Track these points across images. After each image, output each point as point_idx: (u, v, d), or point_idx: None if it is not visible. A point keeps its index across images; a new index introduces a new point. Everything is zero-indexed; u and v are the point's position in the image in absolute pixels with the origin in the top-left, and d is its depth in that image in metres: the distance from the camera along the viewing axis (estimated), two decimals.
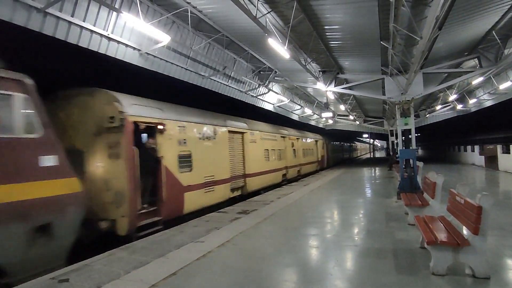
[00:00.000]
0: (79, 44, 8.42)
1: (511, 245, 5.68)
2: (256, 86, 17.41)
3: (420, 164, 12.43)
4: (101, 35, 8.82)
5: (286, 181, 18.91)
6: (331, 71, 14.58)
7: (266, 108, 21.41)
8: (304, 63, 12.25)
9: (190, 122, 10.08)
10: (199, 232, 7.30)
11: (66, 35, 8.02)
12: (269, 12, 8.67)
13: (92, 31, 8.55)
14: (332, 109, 26.78)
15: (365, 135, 56.88)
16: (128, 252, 6.01)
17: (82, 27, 8.26)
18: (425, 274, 4.46)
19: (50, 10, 7.34)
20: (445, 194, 6.16)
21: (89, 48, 8.69)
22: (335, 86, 14.80)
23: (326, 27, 9.91)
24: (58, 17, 7.64)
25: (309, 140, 25.81)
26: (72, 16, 7.89)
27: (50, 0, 7.18)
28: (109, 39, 9.11)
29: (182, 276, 4.78)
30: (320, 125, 37.30)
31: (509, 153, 18.62)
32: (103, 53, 9.15)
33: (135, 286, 4.46)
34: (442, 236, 4.45)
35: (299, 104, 24.79)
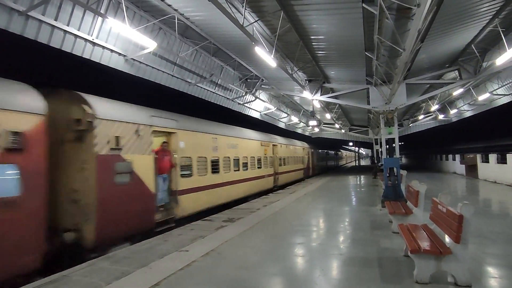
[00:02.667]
0: (63, 49, 8.28)
1: (491, 253, 5.80)
2: (243, 94, 17.46)
3: (403, 172, 12.64)
4: (86, 40, 8.70)
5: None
6: (317, 80, 14.77)
7: (253, 115, 21.47)
8: (290, 72, 12.38)
9: None
10: (183, 241, 7.16)
11: (49, 39, 7.87)
12: (256, 21, 8.74)
13: (76, 36, 8.42)
14: (318, 117, 27.07)
15: (351, 144, 57.68)
16: (110, 262, 5.83)
17: (65, 31, 8.13)
18: (409, 283, 4.48)
19: (32, 14, 7.19)
20: (428, 203, 6.27)
21: (73, 52, 8.55)
22: (321, 95, 14.99)
23: (312, 37, 10.06)
24: (40, 21, 7.50)
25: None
26: (56, 20, 7.76)
27: (32, 3, 7.04)
28: (94, 44, 8.98)
29: (165, 286, 4.65)
30: (306, 133, 37.63)
31: (488, 162, 19.19)
32: (88, 58, 9.02)
33: None
34: (425, 244, 4.50)
35: (285, 112, 24.97)
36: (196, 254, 6.15)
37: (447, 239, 4.84)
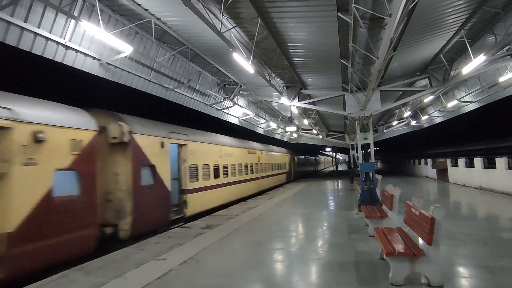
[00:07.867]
0: (33, 51, 7.96)
1: (462, 254, 6.03)
2: (222, 100, 17.42)
3: (379, 177, 12.96)
4: (58, 42, 8.41)
5: None
6: (295, 86, 14.97)
7: (231, 121, 21.45)
8: (268, 78, 12.47)
9: None
10: (160, 249, 7.00)
11: (18, 41, 7.55)
12: (233, 27, 8.77)
13: (47, 38, 8.13)
14: (296, 123, 27.37)
15: (328, 149, 58.69)
16: (83, 273, 5.60)
17: (36, 34, 7.83)
18: (385, 285, 4.58)
19: (0, 15, 6.89)
20: (402, 206, 6.45)
21: (44, 56, 8.24)
22: (298, 101, 15.19)
23: (289, 44, 10.20)
24: (9, 22, 7.19)
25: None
26: (25, 21, 7.46)
27: (0, 3, 6.74)
28: (66, 47, 8.70)
29: None
30: (285, 139, 37.95)
31: (457, 166, 20.04)
32: (60, 61, 8.71)
33: None
34: (399, 247, 4.61)
35: (264, 118, 25.09)
36: (173, 262, 6.02)
37: (420, 241, 4.98)
